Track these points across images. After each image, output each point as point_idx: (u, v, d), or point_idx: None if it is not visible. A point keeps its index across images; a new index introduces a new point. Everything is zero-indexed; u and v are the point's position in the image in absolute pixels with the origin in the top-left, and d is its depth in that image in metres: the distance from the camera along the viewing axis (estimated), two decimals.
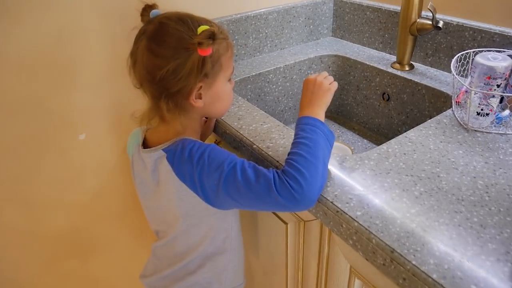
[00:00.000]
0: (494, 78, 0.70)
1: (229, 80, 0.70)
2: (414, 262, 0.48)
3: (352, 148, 1.03)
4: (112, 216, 1.14)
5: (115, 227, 1.16)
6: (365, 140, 1.11)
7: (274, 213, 0.81)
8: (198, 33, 0.60)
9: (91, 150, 1.01)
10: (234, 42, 1.09)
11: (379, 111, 1.09)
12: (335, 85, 0.69)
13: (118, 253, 1.21)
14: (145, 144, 0.72)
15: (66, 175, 1.00)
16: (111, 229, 1.16)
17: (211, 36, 0.59)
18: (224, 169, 0.60)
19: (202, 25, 0.61)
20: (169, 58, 0.60)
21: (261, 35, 1.13)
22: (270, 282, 0.98)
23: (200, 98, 0.65)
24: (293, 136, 0.63)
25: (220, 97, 0.68)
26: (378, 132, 1.11)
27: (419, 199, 0.57)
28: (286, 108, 1.16)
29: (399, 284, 0.50)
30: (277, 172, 0.58)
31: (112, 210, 1.13)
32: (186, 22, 0.62)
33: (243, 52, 1.12)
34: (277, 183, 0.56)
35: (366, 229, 0.53)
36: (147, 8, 0.66)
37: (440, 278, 0.45)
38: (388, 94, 1.05)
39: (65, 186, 1.01)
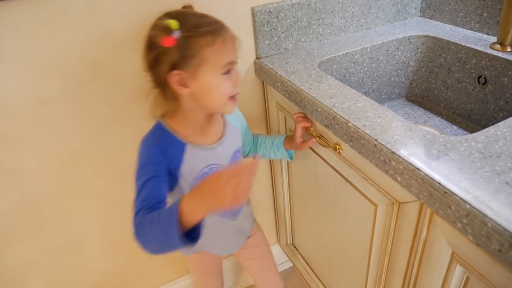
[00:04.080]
0: None
1: (227, 72, 0.70)
2: None
3: (442, 133, 0.98)
4: None
5: None
6: (455, 126, 1.05)
7: (363, 194, 0.79)
8: (155, 26, 0.68)
9: None
10: (320, 21, 1.07)
11: (473, 95, 1.02)
12: (246, 185, 0.56)
13: None
14: None
15: None
16: None
17: (165, 29, 0.64)
18: (137, 165, 0.71)
19: (169, 19, 0.65)
20: (150, 47, 0.69)
21: (347, 14, 1.10)
22: (348, 265, 0.97)
23: (186, 86, 0.69)
24: (388, 116, 0.68)
25: (208, 89, 0.70)
26: (469, 118, 1.05)
27: None
28: (370, 90, 1.13)
29: None
30: (139, 210, 0.64)
31: None
32: (167, 17, 0.68)
33: (328, 31, 1.10)
34: (134, 214, 0.65)
35: (480, 211, 0.50)
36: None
37: None
38: (485, 77, 0.98)
39: None
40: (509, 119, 0.68)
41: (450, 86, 1.08)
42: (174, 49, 0.65)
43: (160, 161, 0.72)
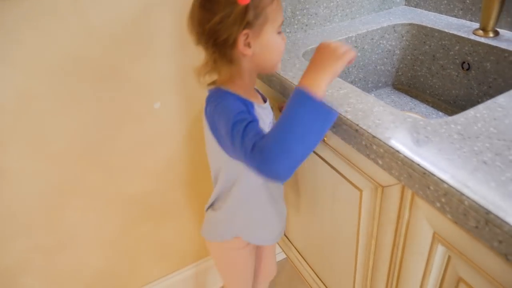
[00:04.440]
0: None
1: (279, 33, 0.72)
2: None
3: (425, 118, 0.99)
4: (182, 184, 1.19)
5: (185, 194, 1.21)
6: (440, 113, 1.06)
7: (348, 180, 0.80)
8: None
9: (164, 118, 1.05)
10: (304, 11, 1.07)
11: (457, 81, 1.03)
12: (351, 55, 0.65)
13: (187, 220, 1.27)
14: None
15: (143, 142, 1.05)
16: (181, 196, 1.21)
17: None
18: (230, 119, 0.66)
19: None
20: (216, 11, 0.65)
21: (332, 4, 1.11)
22: (338, 251, 0.98)
23: (249, 46, 0.68)
24: (370, 101, 0.67)
25: (269, 47, 0.71)
26: (455, 104, 1.06)
27: None
28: (356, 79, 1.13)
29: (494, 247, 0.48)
30: (255, 142, 0.61)
31: (183, 178, 1.18)
32: None
33: (313, 21, 1.10)
34: (250, 152, 0.61)
35: (457, 190, 0.51)
36: None
37: None
38: (468, 63, 0.99)
39: (142, 152, 1.06)
40: (488, 101, 0.69)
41: (435, 73, 1.09)
42: (248, 7, 0.65)
43: (248, 110, 0.71)
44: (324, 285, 1.15)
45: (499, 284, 0.52)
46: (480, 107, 0.68)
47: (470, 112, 0.66)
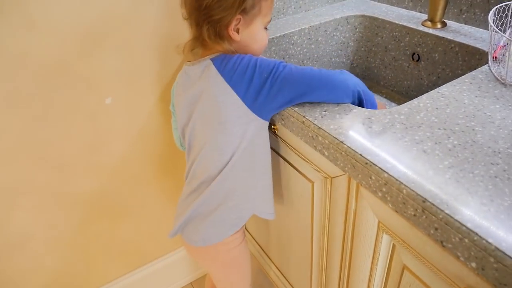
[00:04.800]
0: None
1: (266, 28, 0.77)
2: (447, 211, 0.46)
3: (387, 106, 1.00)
4: (138, 181, 1.16)
5: (142, 191, 1.18)
6: (394, 104, 1.08)
7: (300, 172, 0.80)
8: None
9: (118, 113, 1.02)
10: None
11: (408, 72, 1.05)
12: None
13: (145, 217, 1.24)
14: None
15: (95, 139, 1.01)
16: (139, 193, 1.18)
17: None
18: (277, 65, 0.70)
19: None
20: None
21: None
22: (295, 244, 0.98)
23: (238, 32, 0.72)
24: None
25: (255, 38, 0.75)
26: (407, 95, 1.08)
27: (452, 152, 0.55)
28: None
29: (430, 235, 0.49)
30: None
31: (140, 174, 1.15)
32: None
33: None
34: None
35: (397, 179, 0.51)
36: None
37: (475, 227, 0.44)
38: (418, 54, 1.01)
39: (94, 149, 1.03)
40: (432, 91, 0.70)
41: (387, 65, 1.11)
42: None
43: None
44: (285, 278, 1.16)
45: (439, 271, 0.53)
46: (424, 97, 0.69)
47: (414, 102, 0.67)
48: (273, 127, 0.81)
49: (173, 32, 0.98)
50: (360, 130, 0.61)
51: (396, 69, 1.08)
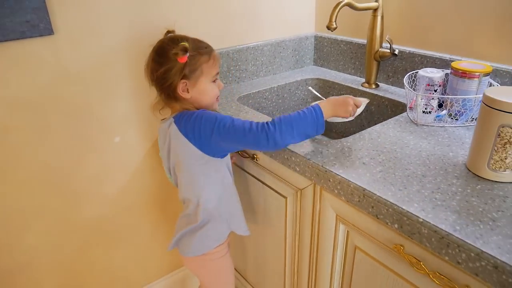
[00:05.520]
0: (432, 85, 0.99)
1: (215, 81, 0.96)
2: (378, 194, 0.72)
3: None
4: (134, 210, 1.34)
5: (136, 218, 1.36)
6: None
7: (275, 191, 1.04)
8: (176, 47, 0.87)
9: (122, 151, 1.23)
10: (237, 67, 1.36)
11: (353, 121, 1.36)
12: (353, 112, 0.92)
13: (136, 244, 1.40)
14: None
15: (102, 171, 1.21)
16: (132, 221, 1.35)
17: (183, 49, 0.87)
18: (218, 119, 0.88)
19: (184, 42, 0.88)
20: (162, 63, 0.89)
21: (258, 62, 1.41)
22: (269, 257, 1.19)
23: (188, 92, 0.92)
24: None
25: (204, 93, 0.94)
26: None
27: (381, 163, 0.83)
28: None
29: (369, 212, 0.74)
30: (264, 122, 0.86)
31: (135, 204, 1.34)
32: (175, 40, 0.90)
33: (244, 75, 1.39)
34: (257, 126, 0.85)
35: (346, 179, 0.78)
36: (167, 33, 0.97)
37: (396, 201, 0.70)
38: None
39: (100, 180, 1.22)
40: (368, 128, 1.00)
41: None
42: (186, 64, 0.88)
43: None
44: None
45: (376, 240, 0.78)
46: (363, 132, 0.98)
47: (356, 135, 0.96)
48: (254, 156, 1.06)
49: None
50: (320, 151, 0.88)
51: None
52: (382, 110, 1.25)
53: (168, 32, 0.98)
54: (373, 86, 1.31)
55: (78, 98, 1.09)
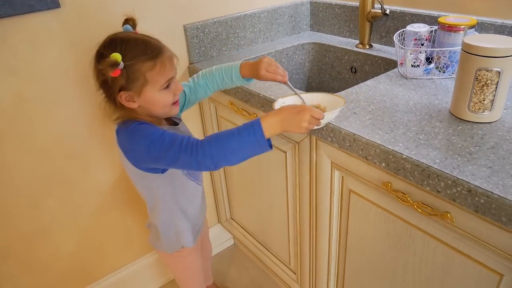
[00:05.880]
0: (419, 39, 1.04)
1: (167, 87, 0.84)
2: (367, 137, 0.79)
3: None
4: None
5: None
6: None
7: (277, 147, 1.12)
8: (103, 62, 0.76)
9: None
10: (235, 34, 1.41)
11: (349, 81, 1.42)
12: (313, 126, 0.77)
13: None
14: None
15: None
16: None
17: (111, 65, 0.75)
18: (152, 137, 0.80)
19: (114, 53, 0.76)
20: (99, 72, 0.80)
21: (256, 29, 1.47)
22: (274, 211, 1.28)
23: (133, 101, 0.82)
24: (288, 90, 0.97)
25: (152, 103, 0.83)
26: None
27: (371, 112, 0.90)
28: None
29: (359, 155, 0.82)
30: (190, 140, 0.78)
31: None
32: (112, 46, 0.79)
33: (242, 42, 1.45)
34: (185, 146, 0.77)
35: (338, 127, 0.85)
36: (125, 22, 0.87)
37: (383, 142, 0.77)
38: (355, 68, 1.38)
39: (114, 147, 1.30)
40: (360, 83, 1.06)
41: (334, 78, 1.48)
42: (120, 76, 0.77)
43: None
44: (266, 248, 1.44)
45: (367, 181, 0.86)
46: (355, 87, 1.04)
47: (349, 90, 1.03)
48: (255, 115, 1.13)
49: None
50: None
51: (341, 80, 1.45)
52: (375, 68, 1.31)
53: (126, 21, 0.87)
54: (367, 47, 1.36)
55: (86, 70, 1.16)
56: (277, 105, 0.88)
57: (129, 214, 1.44)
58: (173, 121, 0.99)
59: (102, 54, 0.79)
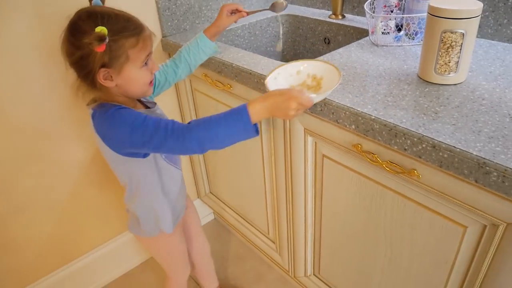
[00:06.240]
0: (388, 6, 1.06)
1: (146, 64, 0.81)
2: (337, 101, 0.81)
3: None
4: None
5: None
6: None
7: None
8: (90, 36, 0.71)
9: None
10: (208, 7, 1.40)
11: (323, 52, 1.43)
12: (299, 113, 0.78)
13: None
14: None
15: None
16: None
17: (99, 39, 0.71)
18: (133, 123, 0.77)
19: (101, 26, 0.72)
20: (77, 47, 0.74)
21: (229, 1, 1.45)
22: (252, 183, 1.30)
23: (111, 79, 0.78)
24: (258, 58, 1.01)
25: (131, 80, 0.81)
26: None
27: (343, 77, 0.91)
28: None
29: (331, 118, 0.83)
30: (175, 125, 0.77)
31: None
32: (94, 18, 0.74)
33: (215, 14, 1.43)
34: (171, 131, 0.76)
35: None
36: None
37: (353, 105, 0.79)
38: (328, 39, 1.39)
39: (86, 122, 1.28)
40: (333, 51, 1.07)
41: (308, 49, 1.49)
42: (104, 52, 0.73)
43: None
44: (245, 220, 1.46)
45: (338, 144, 0.88)
46: (327, 55, 1.06)
47: (321, 58, 1.04)
48: (229, 86, 1.13)
49: None
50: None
51: (314, 51, 1.46)
52: (348, 38, 1.32)
53: None
54: (340, 17, 1.37)
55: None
56: (269, 81, 0.88)
57: (107, 191, 1.43)
58: (145, 105, 0.95)
59: (79, 27, 0.74)
